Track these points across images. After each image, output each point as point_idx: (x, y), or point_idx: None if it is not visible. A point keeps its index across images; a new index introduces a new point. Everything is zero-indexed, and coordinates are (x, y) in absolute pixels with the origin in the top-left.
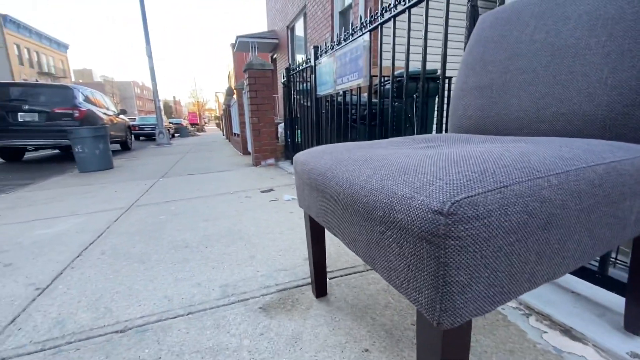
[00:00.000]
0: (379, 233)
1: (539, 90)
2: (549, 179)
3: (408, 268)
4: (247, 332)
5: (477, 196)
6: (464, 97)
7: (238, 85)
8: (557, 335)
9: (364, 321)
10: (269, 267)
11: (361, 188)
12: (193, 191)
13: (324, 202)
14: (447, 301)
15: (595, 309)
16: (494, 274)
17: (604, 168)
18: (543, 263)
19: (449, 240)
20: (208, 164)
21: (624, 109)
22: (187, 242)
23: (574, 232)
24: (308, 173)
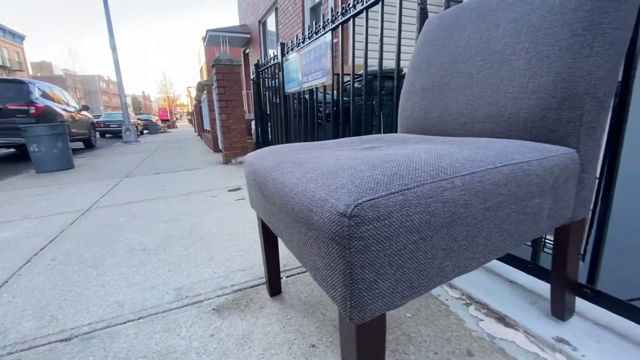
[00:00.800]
0: (304, 234)
1: (472, 94)
2: (452, 181)
3: (325, 267)
4: (198, 334)
5: (379, 199)
6: (411, 98)
7: (207, 81)
8: (493, 323)
9: (314, 317)
10: (227, 268)
11: (290, 190)
12: (157, 191)
13: (265, 203)
14: (356, 298)
15: (528, 297)
16: (400, 271)
17: (510, 169)
18: (452, 258)
19: (353, 240)
20: (176, 162)
21: (542, 112)
22: (145, 245)
23: (481, 229)
24: (253, 174)
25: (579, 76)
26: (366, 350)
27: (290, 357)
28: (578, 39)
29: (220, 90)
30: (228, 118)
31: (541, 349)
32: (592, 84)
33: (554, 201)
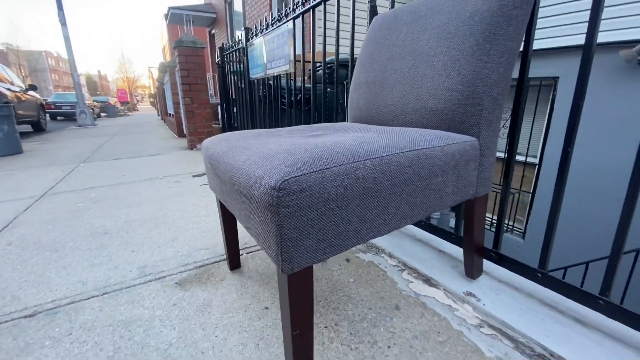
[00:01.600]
0: (248, 207)
1: (404, 89)
2: (364, 162)
3: (264, 232)
4: (161, 304)
5: (302, 176)
6: (357, 90)
7: (170, 63)
8: (420, 284)
9: (270, 285)
10: (190, 248)
11: (237, 171)
12: (118, 177)
13: (220, 183)
14: (285, 253)
15: (452, 263)
16: (321, 232)
17: (415, 153)
18: (366, 223)
19: (281, 208)
20: (138, 147)
21: (453, 107)
22: (107, 229)
23: (390, 201)
24: (209, 158)
25: (479, 78)
26: (296, 296)
27: (246, 317)
28: (479, 47)
29: (184, 73)
30: (192, 102)
31: (454, 302)
32: (489, 84)
33: (457, 180)
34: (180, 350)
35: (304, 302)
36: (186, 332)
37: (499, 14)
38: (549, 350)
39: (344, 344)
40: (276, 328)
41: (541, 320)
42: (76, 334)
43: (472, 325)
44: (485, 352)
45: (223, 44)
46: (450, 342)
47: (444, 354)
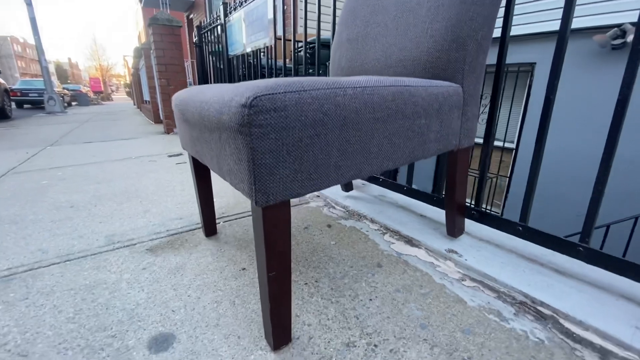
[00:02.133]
0: (219, 141)
1: (387, 41)
2: (345, 90)
3: (235, 163)
4: (129, 269)
5: (277, 94)
6: (339, 49)
7: (145, 44)
8: (402, 245)
9: (248, 249)
10: (163, 218)
11: (206, 103)
12: (87, 157)
13: (190, 131)
14: (259, 182)
15: (433, 225)
16: (299, 161)
17: (398, 89)
18: (347, 159)
19: (253, 128)
20: (111, 132)
21: (437, 53)
22: (73, 203)
23: (372, 137)
24: (177, 106)
25: (463, 21)
26: (272, 233)
27: (222, 278)
28: None
29: (159, 52)
30: (168, 84)
31: (436, 259)
32: (473, 28)
33: (441, 126)
34: (149, 309)
35: (280, 240)
36: (156, 293)
37: None
38: (530, 297)
39: (324, 298)
40: (254, 286)
41: (522, 272)
42: (33, 298)
43: (454, 279)
44: (468, 302)
45: (201, 21)
46: (432, 294)
47: (427, 304)
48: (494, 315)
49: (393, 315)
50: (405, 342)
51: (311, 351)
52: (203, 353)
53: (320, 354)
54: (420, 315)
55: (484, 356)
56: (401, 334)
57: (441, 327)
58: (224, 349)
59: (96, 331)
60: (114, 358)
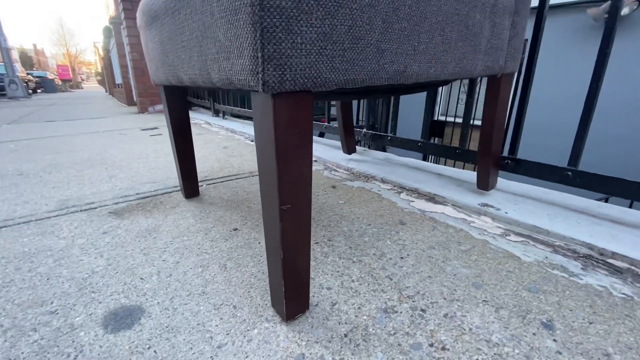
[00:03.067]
0: (209, 22)
1: None
2: None
3: (229, 27)
4: (85, 234)
5: None
6: None
7: (115, 18)
8: (423, 202)
9: (239, 209)
10: (132, 182)
11: None
12: (49, 132)
13: (159, 34)
14: (269, 43)
15: (455, 182)
16: (330, 19)
17: None
18: (392, 40)
19: None
20: (78, 113)
21: None
22: (22, 171)
23: (424, 17)
24: (141, 11)
25: None
26: (288, 140)
27: (207, 240)
28: None
29: (130, 23)
30: (141, 58)
31: (468, 215)
32: None
33: (492, 33)
34: (108, 278)
35: (299, 155)
36: (119, 259)
37: None
38: (597, 248)
39: (343, 258)
40: (250, 247)
41: (576, 223)
42: None
43: (497, 234)
44: (521, 257)
45: None
46: (475, 250)
47: (473, 261)
48: (558, 270)
49: (435, 274)
50: (460, 305)
51: (337, 320)
52: (183, 329)
53: (350, 323)
54: (470, 273)
55: (567, 318)
56: (452, 296)
57: (500, 286)
58: (215, 322)
59: (29, 307)
60: (51, 341)
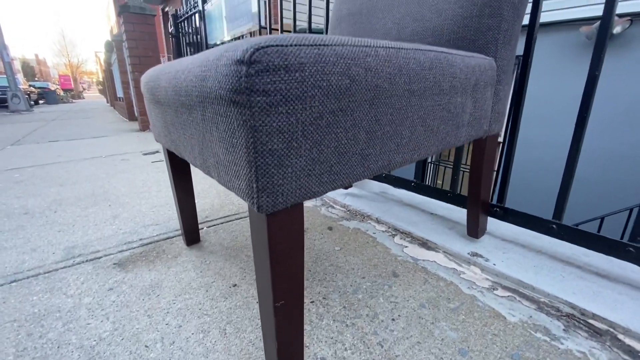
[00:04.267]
0: (201, 121)
1: (399, 11)
2: (376, 50)
3: (227, 151)
4: (92, 290)
5: (289, 47)
6: (339, 25)
7: (116, 36)
8: (416, 248)
9: (238, 259)
10: (136, 224)
11: (183, 71)
12: (51, 157)
13: (162, 113)
14: (263, 178)
15: (447, 224)
16: (317, 147)
17: (436, 54)
18: (376, 145)
19: (254, 95)
20: (80, 130)
21: (464, 21)
22: (28, 209)
23: (406, 117)
24: (147, 85)
25: None
26: (280, 248)
27: (208, 298)
28: None
29: (131, 44)
30: None
31: (458, 264)
32: None
33: (474, 107)
34: (115, 346)
35: (292, 259)
36: (124, 322)
37: None
38: (578, 307)
39: (337, 321)
40: (248, 308)
41: (561, 277)
42: None
43: (485, 288)
44: (507, 317)
45: (176, 10)
46: (464, 308)
47: (460, 322)
48: (541, 333)
49: (424, 339)
50: None
51: None
52: None
53: None
54: (457, 337)
55: None
56: None
57: (485, 353)
58: None
59: None
60: None
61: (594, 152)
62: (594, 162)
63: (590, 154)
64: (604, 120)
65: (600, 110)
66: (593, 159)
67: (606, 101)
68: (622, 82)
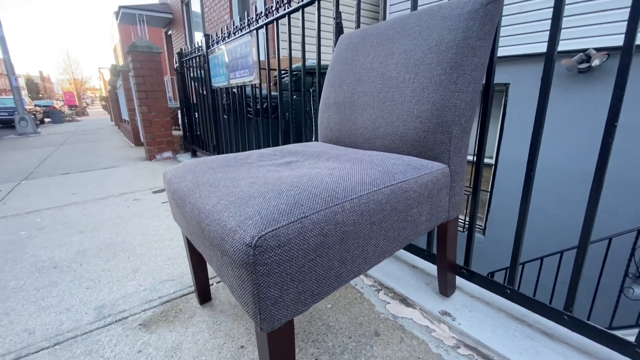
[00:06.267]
0: (220, 257)
1: (375, 112)
2: (343, 205)
3: (239, 286)
4: (124, 352)
5: (280, 229)
6: (327, 110)
7: (123, 67)
8: (397, 304)
9: (244, 320)
10: (154, 279)
11: (206, 217)
12: (67, 196)
13: (186, 223)
14: (264, 312)
15: (425, 279)
16: (302, 284)
17: (391, 189)
18: (347, 266)
19: (258, 266)
20: (90, 158)
21: (424, 134)
22: (56, 261)
23: (369, 240)
24: (172, 193)
25: (447, 107)
26: (277, 353)
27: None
28: (447, 76)
29: (139, 80)
30: (149, 110)
31: (431, 322)
32: (457, 113)
33: (431, 208)
34: None
35: (285, 355)
36: None
37: (464, 45)
38: None
39: None
40: None
41: (512, 336)
42: None
43: (450, 347)
44: None
45: (182, 49)
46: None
47: None
48: None
49: None
50: None
51: None
52: None
53: None
54: None
55: None
56: None
57: None
58: None
59: None
60: None
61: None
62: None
63: (558, 197)
64: (582, 145)
65: (576, 135)
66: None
67: (586, 127)
68: (598, 110)
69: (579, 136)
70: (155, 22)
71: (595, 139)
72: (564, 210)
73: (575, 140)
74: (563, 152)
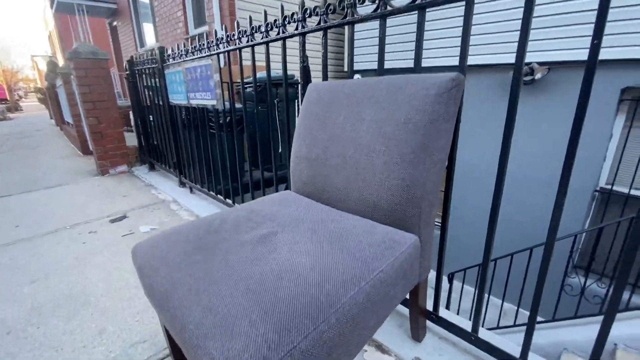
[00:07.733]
0: None
1: (347, 175)
2: (329, 321)
3: None
4: None
5: None
6: (300, 163)
7: (63, 69)
8: (373, 352)
9: None
10: (124, 342)
11: (189, 339)
12: (10, 229)
13: (165, 319)
14: None
15: (398, 320)
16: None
17: (371, 284)
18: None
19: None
20: (33, 172)
21: (395, 206)
22: (9, 325)
23: (352, 338)
24: (147, 287)
25: (417, 184)
26: None
27: None
28: (416, 155)
29: (84, 89)
30: (99, 122)
31: None
32: (426, 191)
33: (405, 283)
34: None
35: None
36: None
37: (432, 127)
38: None
39: None
40: None
41: None
42: None
43: None
44: None
45: (132, 57)
46: None
47: None
48: None
49: None
50: None
51: None
52: None
53: None
54: None
55: None
56: None
57: None
58: None
59: None
60: None
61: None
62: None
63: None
64: (529, 152)
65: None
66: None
67: (528, 134)
68: (541, 118)
69: (525, 143)
70: (97, 12)
71: (539, 145)
72: (523, 214)
73: (521, 147)
74: (511, 158)
